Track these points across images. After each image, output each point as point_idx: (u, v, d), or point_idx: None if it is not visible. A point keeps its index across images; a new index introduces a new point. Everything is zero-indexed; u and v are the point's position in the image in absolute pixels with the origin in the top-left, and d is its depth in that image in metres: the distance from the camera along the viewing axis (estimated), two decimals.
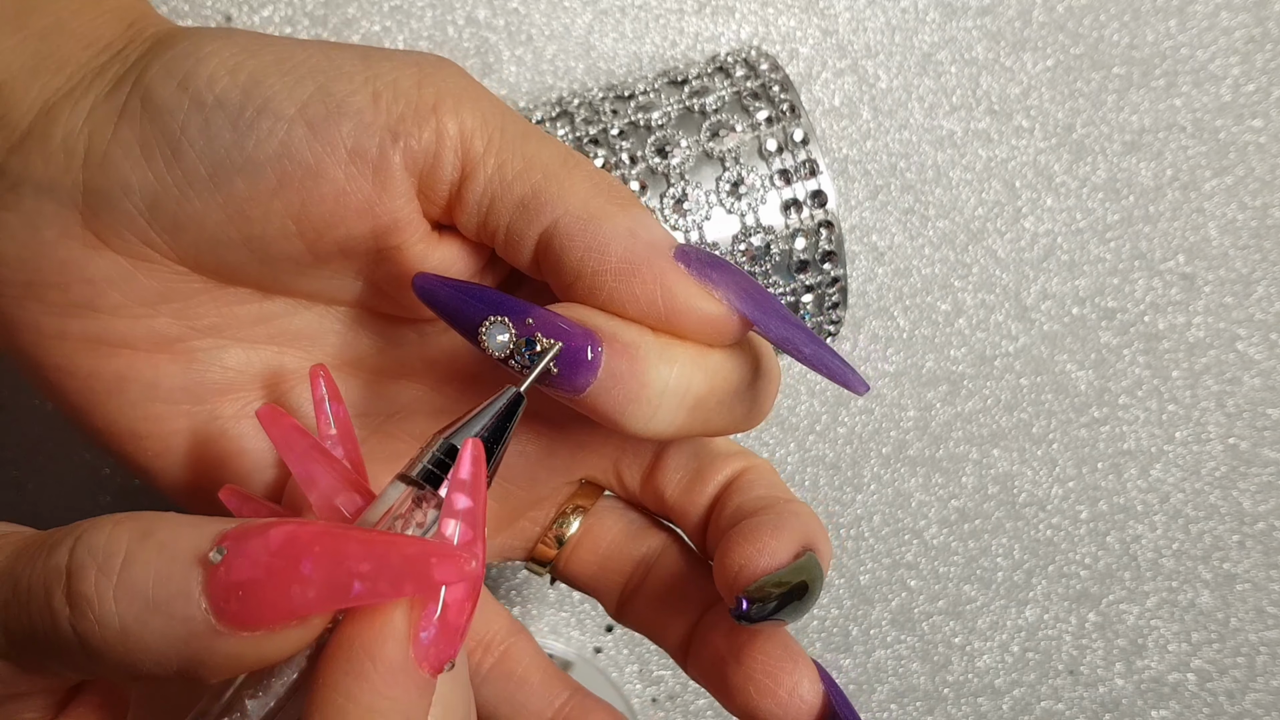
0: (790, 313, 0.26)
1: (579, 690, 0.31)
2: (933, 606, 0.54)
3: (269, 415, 0.25)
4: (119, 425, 0.27)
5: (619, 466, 0.30)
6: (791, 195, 0.38)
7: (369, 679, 0.20)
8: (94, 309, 0.26)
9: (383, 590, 0.20)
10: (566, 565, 0.31)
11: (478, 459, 0.22)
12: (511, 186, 0.25)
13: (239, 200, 0.25)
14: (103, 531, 0.20)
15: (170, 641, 0.19)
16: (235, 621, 0.19)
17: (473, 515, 0.21)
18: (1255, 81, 0.50)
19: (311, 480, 0.24)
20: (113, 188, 0.25)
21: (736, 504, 0.28)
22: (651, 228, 0.25)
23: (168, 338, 0.27)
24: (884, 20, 0.48)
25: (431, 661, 0.20)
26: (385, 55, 0.25)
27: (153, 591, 0.19)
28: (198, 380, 0.28)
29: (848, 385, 0.25)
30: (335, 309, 0.28)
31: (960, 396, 0.51)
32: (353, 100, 0.24)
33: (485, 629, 0.31)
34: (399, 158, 0.24)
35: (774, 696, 0.27)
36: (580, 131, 0.38)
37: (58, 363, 0.26)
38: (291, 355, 0.29)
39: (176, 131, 0.24)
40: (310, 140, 0.24)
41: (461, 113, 0.25)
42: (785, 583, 0.25)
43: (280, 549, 0.19)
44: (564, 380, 0.24)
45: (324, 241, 0.25)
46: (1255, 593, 0.54)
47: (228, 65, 0.24)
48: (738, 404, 0.27)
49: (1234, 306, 0.52)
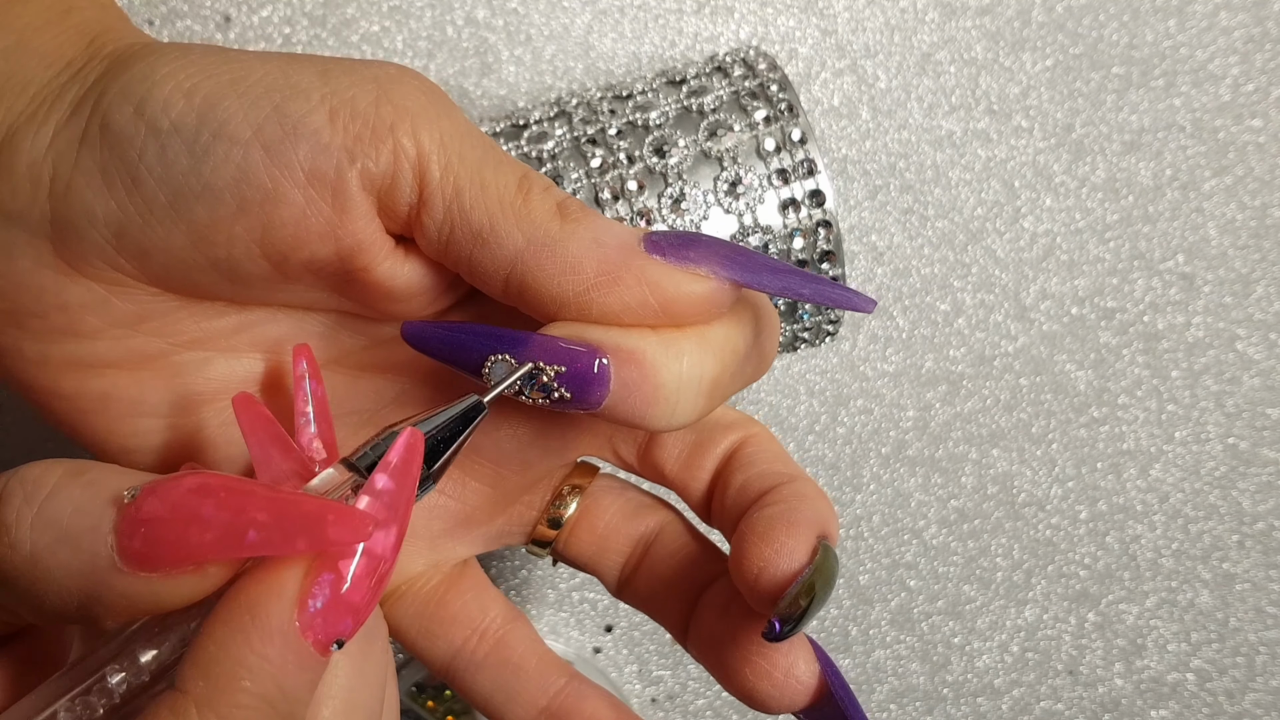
0: (777, 260, 0.26)
1: (575, 676, 0.31)
2: (932, 606, 0.54)
3: (242, 402, 0.25)
4: (109, 442, 0.27)
5: (615, 443, 0.30)
6: (789, 195, 0.38)
7: (245, 633, 0.20)
8: (73, 333, 0.26)
9: (277, 541, 0.20)
10: (566, 546, 0.31)
11: (411, 447, 0.21)
12: (469, 216, 0.25)
13: (200, 227, 0.24)
14: (38, 467, 0.21)
15: (73, 575, 0.20)
16: (136, 560, 0.20)
17: (392, 497, 0.21)
18: (1254, 81, 0.50)
19: (266, 462, 0.24)
20: (78, 217, 0.24)
21: (742, 480, 0.28)
22: (614, 230, 0.25)
23: (149, 354, 0.27)
24: (883, 20, 0.48)
25: (316, 632, 0.20)
26: (345, 69, 0.25)
27: (67, 523, 0.20)
28: (183, 393, 0.27)
29: (855, 308, 0.25)
30: (315, 313, 0.28)
31: (959, 396, 0.51)
32: (309, 120, 0.24)
33: (481, 616, 0.31)
34: (356, 179, 0.24)
35: (770, 678, 0.27)
36: (578, 131, 0.38)
37: (43, 385, 0.26)
38: (275, 361, 0.29)
39: (135, 159, 0.24)
40: (267, 164, 0.24)
41: (419, 133, 0.24)
42: (810, 591, 0.25)
43: (188, 492, 0.20)
44: (577, 401, 0.24)
45: (290, 264, 0.25)
46: (1255, 593, 0.54)
47: (183, 88, 0.24)
48: (747, 365, 0.27)
49: (1233, 306, 0.52)
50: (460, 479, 0.30)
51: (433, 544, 0.30)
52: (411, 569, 0.30)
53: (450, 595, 0.31)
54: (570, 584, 0.52)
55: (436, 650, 0.31)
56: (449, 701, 0.50)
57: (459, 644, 0.30)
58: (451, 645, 0.30)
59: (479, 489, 0.30)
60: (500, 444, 0.29)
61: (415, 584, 0.31)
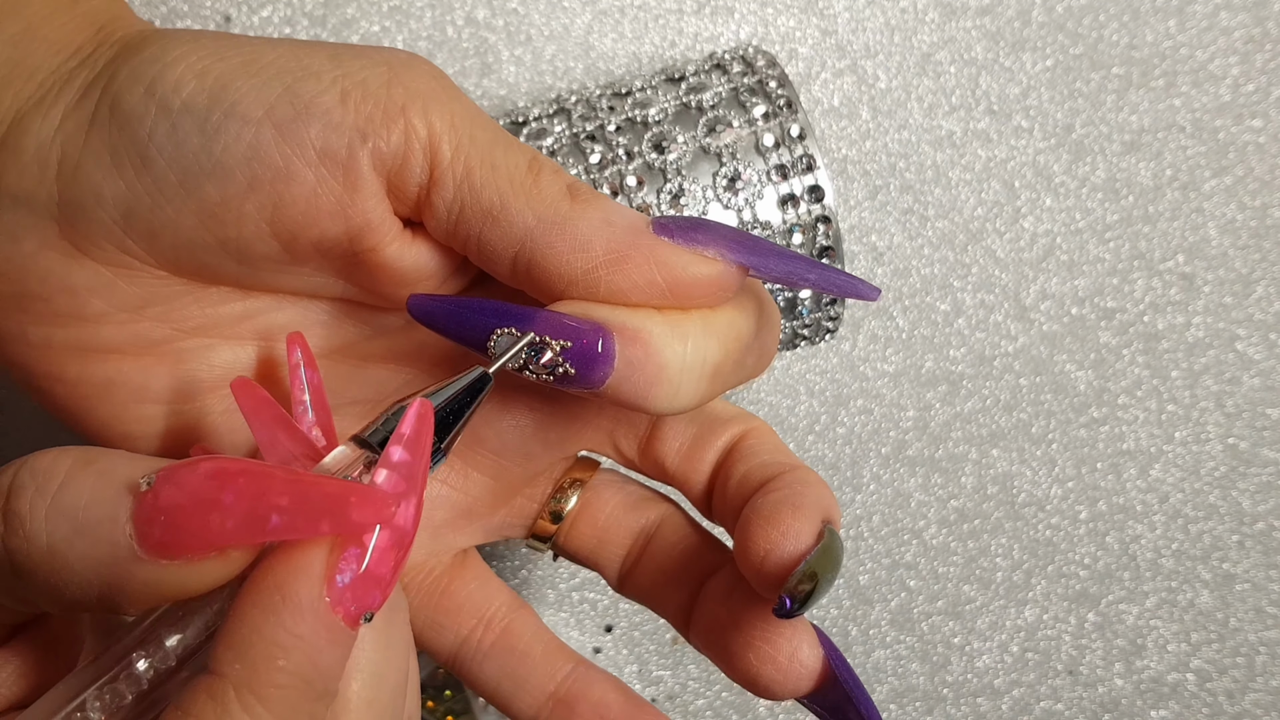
0: (782, 247, 0.26)
1: (582, 662, 0.31)
2: (932, 607, 0.54)
3: (241, 386, 0.25)
4: (112, 429, 0.27)
5: (615, 437, 0.30)
6: (788, 190, 0.38)
7: (277, 613, 0.20)
8: (78, 317, 0.26)
9: (300, 526, 0.20)
10: (566, 540, 0.31)
11: (423, 416, 0.21)
12: (479, 194, 0.25)
13: (210, 205, 0.24)
14: (47, 456, 0.21)
15: (93, 565, 0.20)
16: (157, 548, 0.20)
17: (409, 469, 0.21)
18: (1255, 81, 0.50)
19: (272, 445, 0.24)
20: (86, 198, 0.24)
21: (743, 471, 0.28)
22: (624, 213, 0.25)
23: (154, 340, 0.27)
24: (883, 20, 0.48)
25: (346, 607, 0.20)
26: (356, 54, 0.25)
27: (83, 514, 0.20)
28: (187, 380, 0.28)
29: (860, 295, 0.26)
30: (319, 301, 0.29)
31: (959, 396, 0.51)
32: (321, 100, 0.24)
33: (486, 605, 0.31)
34: (367, 159, 0.24)
35: (774, 662, 0.27)
36: (577, 128, 0.38)
37: (47, 370, 0.26)
38: (279, 349, 0.29)
39: (144, 139, 0.24)
40: (279, 142, 0.24)
41: (430, 115, 0.25)
42: (819, 570, 0.25)
43: (206, 478, 0.20)
44: (581, 378, 0.24)
45: (299, 243, 0.25)
46: (1255, 593, 0.54)
47: (194, 69, 0.24)
48: (749, 357, 0.27)
49: (1233, 306, 0.52)
50: (462, 470, 0.30)
51: (434, 534, 0.30)
52: (412, 559, 0.30)
53: (454, 585, 0.31)
54: (570, 584, 0.52)
55: (442, 641, 0.31)
56: (449, 701, 0.50)
57: (465, 634, 0.31)
58: (458, 635, 0.31)
59: (481, 480, 0.30)
60: (503, 434, 0.29)
61: (417, 575, 0.31)
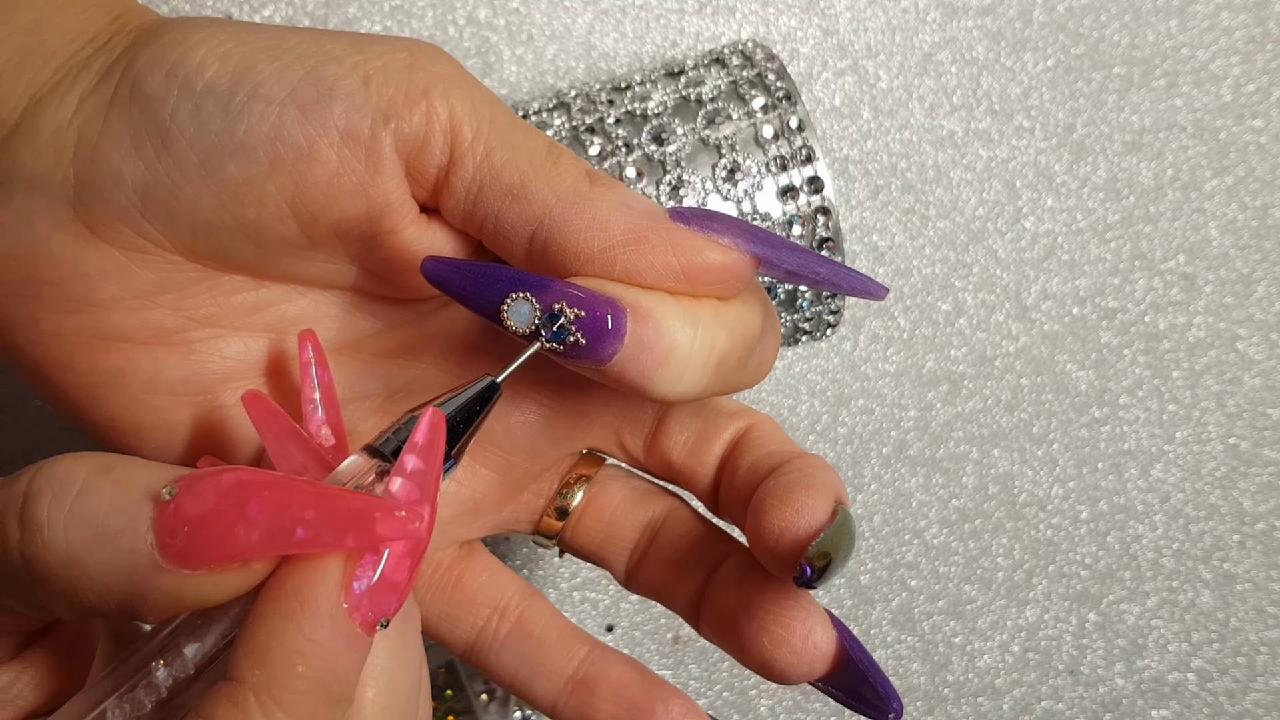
0: (794, 242, 0.26)
1: (597, 645, 0.31)
2: (933, 606, 0.53)
3: (252, 399, 0.25)
4: (121, 420, 0.27)
5: (620, 435, 0.30)
6: (788, 181, 0.38)
7: (295, 619, 0.20)
8: (90, 303, 0.26)
9: (325, 539, 0.20)
10: (572, 536, 0.31)
11: (435, 426, 0.22)
12: (500, 174, 0.25)
13: (232, 185, 0.25)
14: (63, 463, 0.20)
15: (113, 573, 0.20)
16: (179, 558, 0.20)
17: (423, 477, 0.21)
18: (1256, 81, 0.50)
19: (284, 456, 0.24)
20: (104, 180, 0.25)
21: (750, 462, 0.28)
22: (641, 199, 0.25)
23: (166, 329, 0.27)
24: (884, 20, 0.48)
25: (363, 614, 0.20)
26: (376, 41, 0.26)
27: (103, 522, 0.20)
28: (198, 371, 0.28)
29: (868, 294, 0.26)
30: (331, 293, 0.29)
31: (961, 396, 0.51)
32: (343, 83, 0.24)
33: (499, 595, 0.31)
34: (390, 140, 0.24)
35: (788, 645, 0.27)
36: (576, 120, 0.38)
37: (56, 360, 0.26)
38: (290, 341, 0.29)
39: (166, 120, 0.24)
40: (302, 123, 0.24)
41: (451, 98, 0.25)
42: (835, 543, 0.25)
43: (230, 490, 0.20)
44: (590, 350, 0.24)
45: (318, 224, 0.25)
46: (1255, 593, 0.54)
47: (217, 52, 0.25)
48: (752, 356, 0.27)
49: (1234, 306, 0.52)
50: (470, 466, 0.30)
51: (441, 529, 0.30)
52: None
53: (465, 578, 0.31)
54: (571, 584, 0.52)
55: (458, 633, 0.31)
56: (449, 701, 0.50)
57: (480, 624, 0.31)
58: (473, 627, 0.31)
59: (488, 476, 0.30)
60: (512, 430, 0.29)
61: (426, 569, 0.31)
